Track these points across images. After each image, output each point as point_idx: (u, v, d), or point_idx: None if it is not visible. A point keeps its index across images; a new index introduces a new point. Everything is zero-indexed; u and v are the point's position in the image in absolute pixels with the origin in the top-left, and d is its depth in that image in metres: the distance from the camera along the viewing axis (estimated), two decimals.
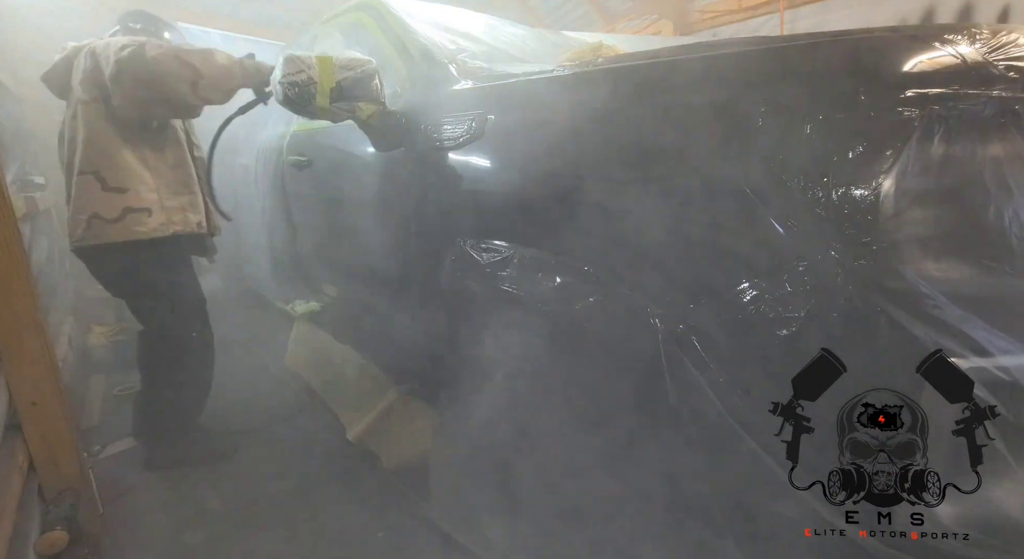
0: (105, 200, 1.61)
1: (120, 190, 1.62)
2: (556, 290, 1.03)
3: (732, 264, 0.76)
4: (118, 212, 1.61)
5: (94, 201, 1.61)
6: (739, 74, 0.85)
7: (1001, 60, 0.68)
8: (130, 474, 1.83)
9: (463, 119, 1.27)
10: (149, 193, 1.66)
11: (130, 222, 1.63)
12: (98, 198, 1.61)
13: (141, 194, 1.65)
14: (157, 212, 1.66)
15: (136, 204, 1.63)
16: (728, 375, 0.76)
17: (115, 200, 1.62)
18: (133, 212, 1.63)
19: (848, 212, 0.67)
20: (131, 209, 1.62)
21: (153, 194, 1.67)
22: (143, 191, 1.65)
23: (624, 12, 6.35)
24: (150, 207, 1.65)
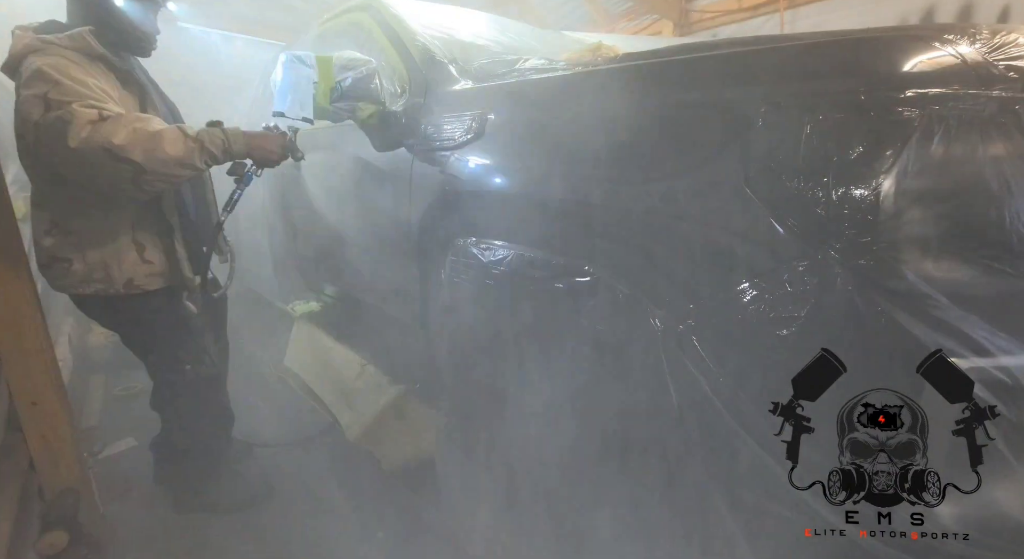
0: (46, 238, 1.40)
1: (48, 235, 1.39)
2: (556, 290, 1.03)
3: (732, 264, 0.76)
4: (45, 258, 1.41)
5: (40, 236, 1.41)
6: (739, 74, 0.85)
7: (1001, 60, 0.68)
8: (130, 474, 1.83)
9: (463, 119, 1.27)
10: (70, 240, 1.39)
11: (56, 273, 1.41)
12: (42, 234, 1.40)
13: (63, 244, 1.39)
14: (77, 264, 1.39)
15: (59, 252, 1.39)
16: (728, 375, 0.76)
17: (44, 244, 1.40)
18: (57, 262, 1.40)
19: (848, 212, 0.67)
20: (56, 258, 1.39)
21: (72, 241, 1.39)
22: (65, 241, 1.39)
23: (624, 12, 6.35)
24: (70, 257, 1.39)
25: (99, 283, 1.40)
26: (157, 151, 1.26)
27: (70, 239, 1.38)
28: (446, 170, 1.30)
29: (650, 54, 1.11)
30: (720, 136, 0.80)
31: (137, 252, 1.43)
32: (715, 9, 5.44)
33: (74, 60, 1.31)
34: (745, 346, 0.75)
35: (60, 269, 1.39)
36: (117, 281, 1.41)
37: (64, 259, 1.38)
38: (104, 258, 1.40)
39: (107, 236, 1.40)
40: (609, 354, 0.95)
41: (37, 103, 1.24)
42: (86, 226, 1.39)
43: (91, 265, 1.39)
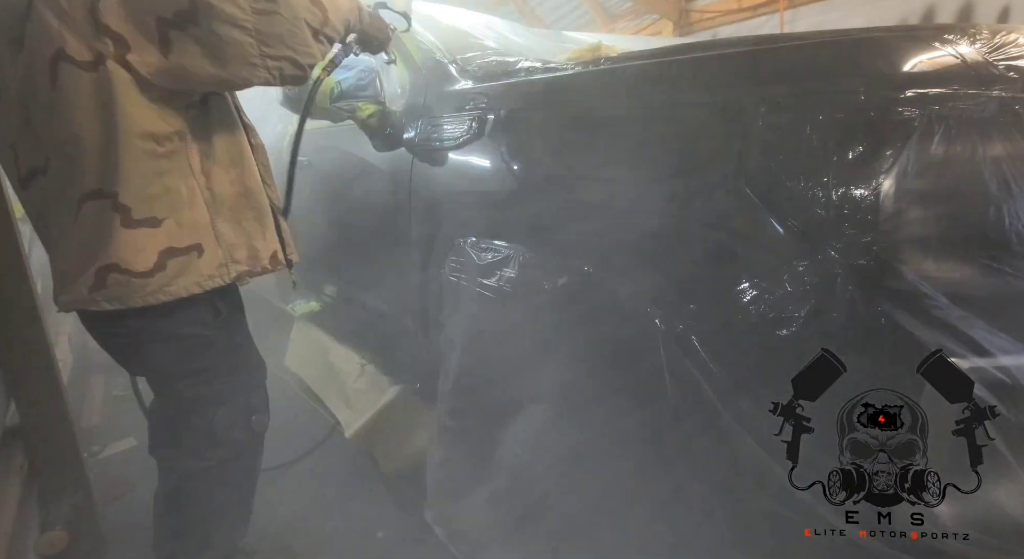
0: (130, 240, 0.95)
1: (152, 222, 0.97)
2: (556, 290, 1.03)
3: (732, 264, 0.76)
4: (154, 258, 0.97)
5: (111, 243, 0.95)
6: (739, 74, 0.85)
7: (1001, 60, 0.68)
8: (130, 474, 1.83)
9: (463, 119, 1.27)
10: (198, 219, 1.01)
11: (173, 271, 0.99)
12: (118, 238, 0.95)
13: (184, 222, 1.00)
14: (211, 248, 1.03)
15: (179, 241, 0.99)
16: (728, 375, 0.76)
17: (145, 238, 0.97)
18: (177, 255, 0.99)
19: (848, 212, 0.67)
20: (174, 250, 0.99)
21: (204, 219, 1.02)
22: (188, 217, 1.00)
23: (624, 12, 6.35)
24: (200, 242, 1.01)
25: (240, 264, 1.07)
26: None
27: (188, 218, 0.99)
28: (446, 170, 1.30)
29: (650, 54, 1.11)
30: (720, 136, 0.80)
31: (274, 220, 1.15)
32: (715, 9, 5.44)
33: None
34: (745, 346, 0.75)
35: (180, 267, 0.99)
36: (262, 256, 1.10)
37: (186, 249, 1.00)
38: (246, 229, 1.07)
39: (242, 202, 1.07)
40: (609, 354, 0.95)
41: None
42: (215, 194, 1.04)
43: (230, 245, 1.05)
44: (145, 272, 0.97)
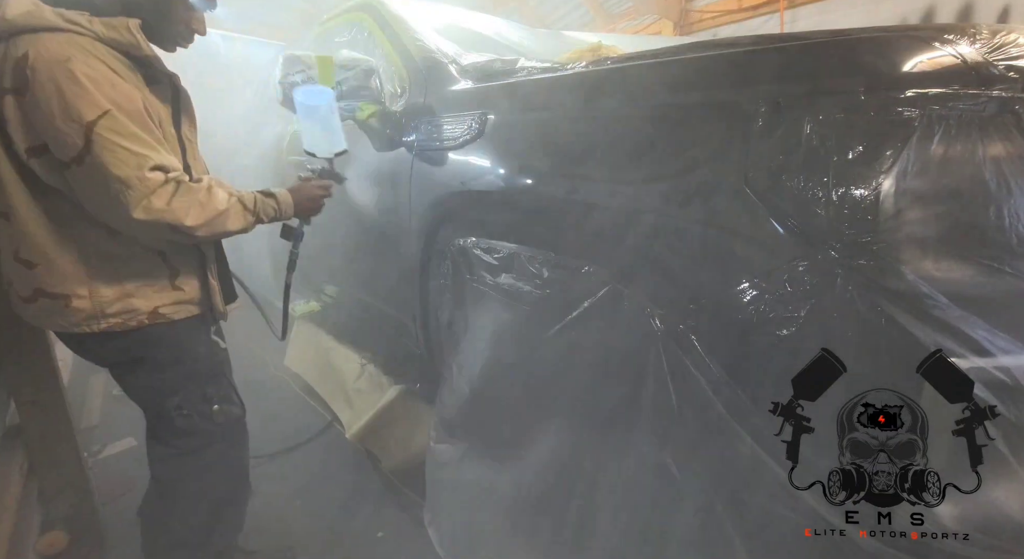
0: (15, 270, 1.07)
1: (27, 264, 1.04)
2: (556, 290, 1.03)
3: (732, 264, 0.76)
4: (26, 291, 1.07)
5: (7, 262, 1.08)
6: (739, 73, 0.85)
7: (1001, 60, 0.68)
8: (130, 474, 1.83)
9: (463, 119, 1.27)
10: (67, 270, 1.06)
11: (44, 308, 1.07)
12: (7, 258, 1.07)
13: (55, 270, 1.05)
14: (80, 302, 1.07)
15: (50, 286, 1.05)
16: (728, 375, 0.76)
17: (24, 273, 1.06)
18: (46, 296, 1.06)
19: (848, 212, 0.67)
20: (43, 292, 1.06)
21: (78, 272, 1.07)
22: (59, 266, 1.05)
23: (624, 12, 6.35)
24: (69, 294, 1.06)
25: (113, 317, 1.09)
26: (219, 227, 1.10)
27: (68, 269, 1.05)
28: (446, 170, 1.30)
29: (650, 54, 1.11)
30: (720, 136, 0.80)
31: (169, 278, 1.15)
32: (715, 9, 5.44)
33: (115, 68, 1.00)
34: (745, 346, 0.75)
35: (49, 306, 1.07)
36: (140, 311, 1.11)
37: (57, 295, 1.05)
38: (124, 289, 1.09)
39: (130, 264, 1.10)
40: (609, 354, 0.95)
41: (71, 131, 0.93)
42: (98, 253, 1.07)
43: (102, 300, 1.08)
44: (24, 298, 1.08)
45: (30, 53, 0.92)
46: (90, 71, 0.95)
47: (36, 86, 0.92)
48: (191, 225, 1.05)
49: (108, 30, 1.00)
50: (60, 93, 0.93)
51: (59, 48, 0.94)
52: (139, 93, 1.03)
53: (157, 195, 1.00)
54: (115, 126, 0.96)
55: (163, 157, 1.02)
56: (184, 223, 1.03)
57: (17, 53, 0.93)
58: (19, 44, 0.94)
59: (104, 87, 0.96)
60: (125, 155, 0.97)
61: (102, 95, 0.95)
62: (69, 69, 0.93)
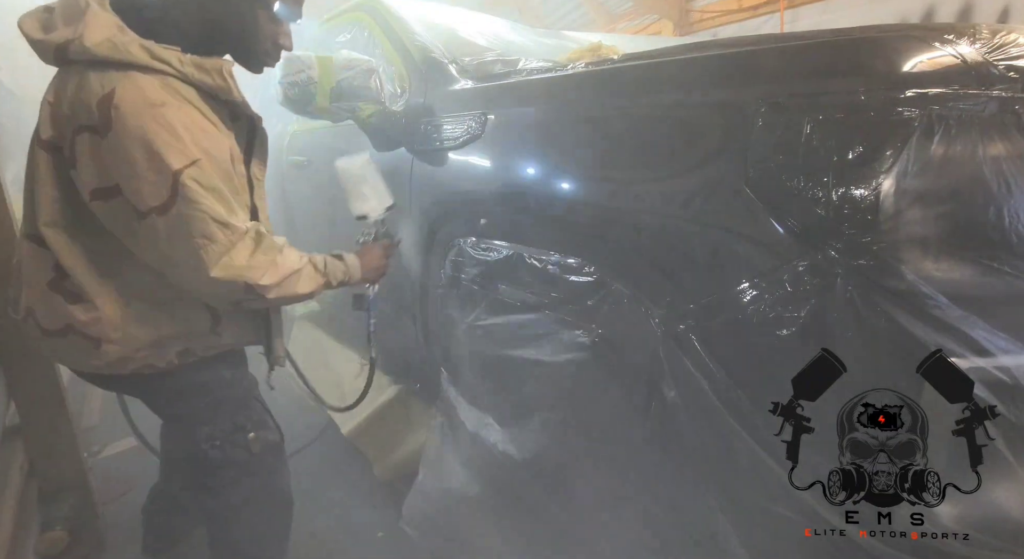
0: (49, 299, 0.97)
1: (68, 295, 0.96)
2: (556, 290, 1.03)
3: (732, 264, 0.76)
4: (57, 324, 0.97)
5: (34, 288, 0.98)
6: (739, 74, 0.85)
7: (1001, 60, 0.68)
8: (130, 474, 1.83)
9: (463, 119, 1.27)
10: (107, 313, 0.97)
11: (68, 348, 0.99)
12: (39, 287, 0.97)
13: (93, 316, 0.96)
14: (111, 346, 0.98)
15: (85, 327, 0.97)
16: (728, 375, 0.76)
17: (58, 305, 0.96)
18: (75, 335, 0.97)
19: (848, 212, 0.67)
20: (75, 331, 0.97)
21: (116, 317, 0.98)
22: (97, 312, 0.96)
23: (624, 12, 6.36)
24: (98, 337, 0.97)
25: (141, 361, 1.02)
26: (290, 290, 1.01)
27: (108, 311, 0.96)
28: (446, 170, 1.30)
29: (650, 54, 1.11)
30: (720, 136, 0.80)
31: (211, 326, 1.07)
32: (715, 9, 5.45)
33: (207, 114, 0.94)
34: (745, 346, 0.75)
35: (78, 345, 0.98)
36: (169, 352, 1.04)
37: (91, 337, 0.97)
38: (159, 335, 1.01)
39: (171, 312, 1.02)
40: (609, 354, 0.95)
41: (157, 180, 0.86)
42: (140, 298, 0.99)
43: (136, 343, 1.00)
44: (50, 332, 0.99)
45: (116, 92, 0.84)
46: (184, 119, 0.88)
47: (120, 128, 0.84)
48: (265, 284, 0.96)
49: (199, 72, 0.92)
50: (147, 140, 0.85)
51: (152, 92, 0.86)
52: (228, 141, 0.97)
53: (238, 250, 0.92)
54: (201, 178, 0.89)
55: (240, 211, 0.96)
56: (260, 282, 0.95)
57: (101, 89, 0.85)
58: (104, 80, 0.85)
59: (197, 135, 0.90)
60: (210, 207, 0.89)
61: (193, 143, 0.88)
62: (162, 115, 0.86)
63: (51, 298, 0.96)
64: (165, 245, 0.91)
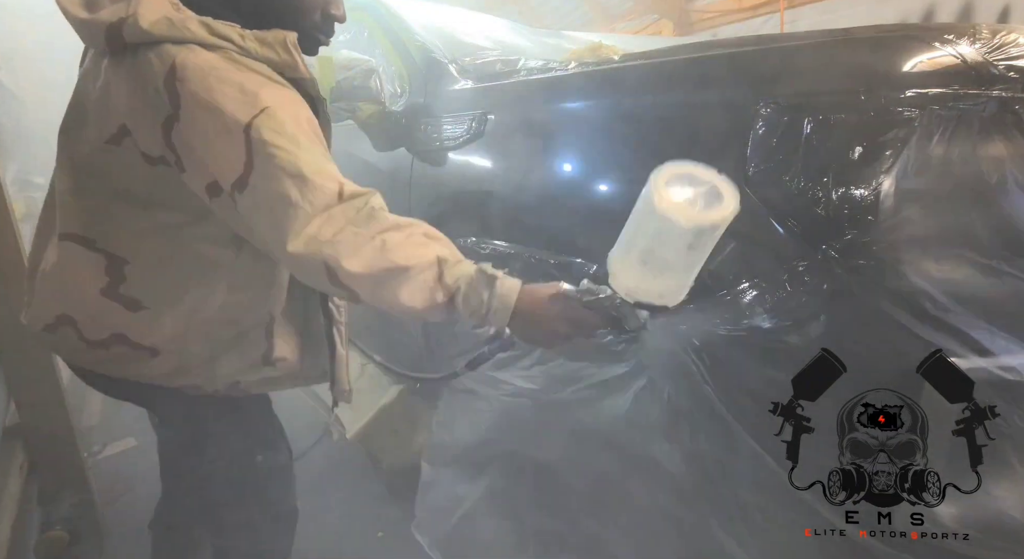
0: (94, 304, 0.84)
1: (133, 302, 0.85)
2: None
3: (732, 264, 0.76)
4: (100, 332, 0.86)
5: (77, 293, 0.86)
6: (740, 73, 0.85)
7: (1001, 60, 0.68)
8: (130, 474, 1.83)
9: (463, 119, 1.27)
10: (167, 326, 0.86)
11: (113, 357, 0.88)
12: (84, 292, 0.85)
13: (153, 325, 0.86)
14: (167, 357, 0.88)
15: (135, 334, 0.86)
16: (728, 375, 0.76)
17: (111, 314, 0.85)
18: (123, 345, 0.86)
19: (848, 212, 0.67)
20: (124, 340, 0.86)
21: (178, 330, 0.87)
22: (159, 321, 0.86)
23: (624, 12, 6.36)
24: (156, 347, 0.87)
25: (193, 378, 0.91)
26: (388, 294, 0.75)
27: (169, 321, 0.86)
28: (446, 170, 1.30)
29: (650, 54, 1.11)
30: (720, 136, 0.80)
31: (265, 353, 0.94)
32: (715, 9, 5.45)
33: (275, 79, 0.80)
34: (745, 347, 0.75)
35: (124, 356, 0.86)
36: (219, 378, 0.92)
37: (143, 347, 0.86)
38: (213, 351, 0.90)
39: (231, 329, 0.90)
40: (609, 354, 0.95)
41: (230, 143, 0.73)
42: (206, 309, 0.87)
43: (191, 357, 0.89)
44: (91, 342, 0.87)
45: (177, 62, 0.74)
46: (250, 77, 0.76)
47: (189, 101, 0.73)
48: (353, 272, 0.73)
49: (263, 47, 0.80)
50: (212, 101, 0.73)
51: (211, 58, 0.75)
52: (305, 105, 0.82)
53: (326, 218, 0.73)
54: (277, 126, 0.73)
55: (329, 165, 0.77)
56: (343, 266, 0.72)
57: (162, 66, 0.74)
58: (161, 54, 0.75)
59: (265, 91, 0.75)
60: (285, 160, 0.72)
61: (260, 94, 0.75)
62: (226, 74, 0.74)
63: (104, 306, 0.84)
64: (253, 221, 0.75)
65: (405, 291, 0.74)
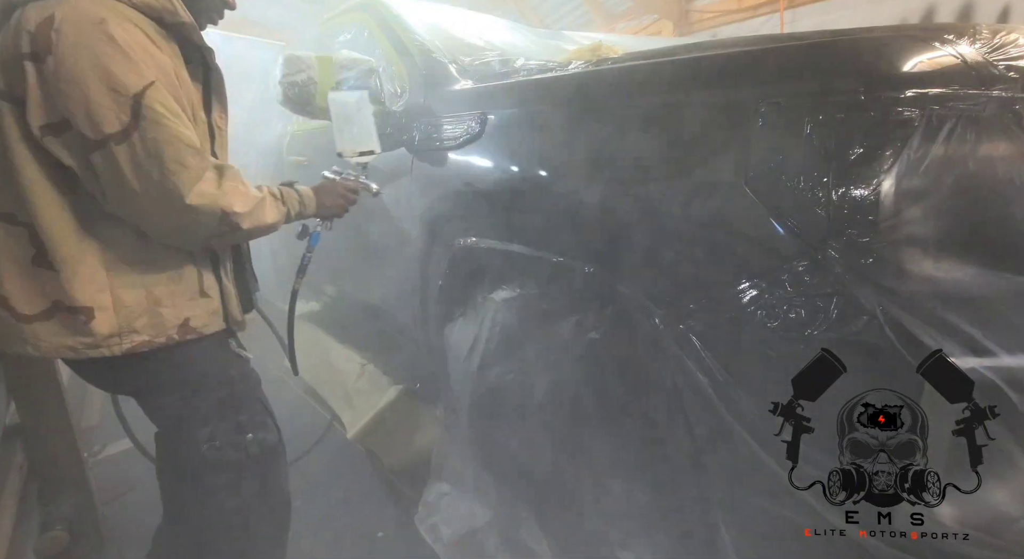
0: (32, 277, 0.89)
1: (50, 267, 0.88)
2: (557, 290, 1.03)
3: (732, 264, 0.76)
4: (39, 306, 0.89)
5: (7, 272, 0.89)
6: (740, 73, 0.85)
7: (1001, 60, 0.68)
8: (130, 474, 1.83)
9: (463, 119, 1.27)
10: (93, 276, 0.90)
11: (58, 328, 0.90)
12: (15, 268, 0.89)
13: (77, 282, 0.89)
14: (103, 313, 0.91)
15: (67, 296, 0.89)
16: (728, 375, 0.76)
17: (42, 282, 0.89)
18: (63, 312, 0.90)
19: (848, 212, 0.67)
20: (61, 306, 0.89)
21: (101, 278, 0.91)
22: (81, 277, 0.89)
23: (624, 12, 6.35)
24: (88, 305, 0.90)
25: (139, 334, 0.93)
26: (260, 219, 0.99)
27: (90, 274, 0.90)
28: (446, 170, 1.30)
29: (650, 54, 1.11)
30: (720, 136, 0.80)
31: (198, 283, 1.01)
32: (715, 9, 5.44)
33: (152, 37, 0.87)
34: (745, 346, 0.75)
35: (68, 323, 0.90)
36: (169, 324, 0.96)
37: (78, 308, 0.89)
38: (152, 296, 0.94)
39: (157, 265, 0.95)
40: (609, 354, 0.95)
41: (113, 102, 0.81)
42: (123, 254, 0.93)
43: (128, 313, 0.92)
44: (34, 315, 0.90)
45: (56, 14, 0.79)
46: (128, 37, 0.82)
47: (63, 50, 0.78)
48: (240, 212, 0.93)
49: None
50: (97, 61, 0.79)
51: (92, 8, 0.81)
52: (172, 66, 0.90)
53: (207, 179, 0.89)
54: (163, 99, 0.84)
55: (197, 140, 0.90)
56: (235, 209, 0.92)
57: (39, 16, 0.80)
58: (42, 8, 0.80)
59: (143, 55, 0.83)
60: (177, 131, 0.85)
61: (145, 63, 0.83)
62: (106, 32, 0.80)
63: (36, 275, 0.89)
64: (131, 174, 0.84)
65: (268, 214, 1.01)
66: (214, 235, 0.95)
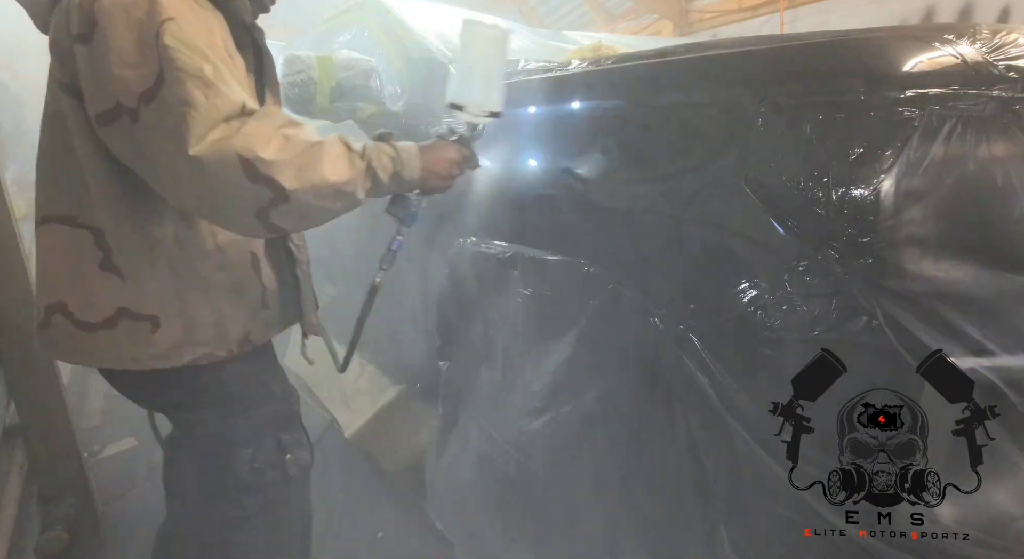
0: (90, 282, 0.82)
1: (117, 272, 0.82)
2: (557, 291, 1.03)
3: (732, 264, 0.76)
4: (99, 314, 0.82)
5: (67, 277, 0.83)
6: (740, 74, 0.85)
7: (1001, 60, 0.68)
8: (130, 474, 1.83)
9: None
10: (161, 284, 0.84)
11: (118, 339, 0.83)
12: (77, 273, 0.82)
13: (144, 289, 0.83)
14: (169, 322, 0.84)
15: (132, 303, 0.82)
16: (728, 375, 0.76)
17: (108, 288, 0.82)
18: (127, 320, 0.82)
19: (848, 212, 0.67)
20: (126, 313, 0.82)
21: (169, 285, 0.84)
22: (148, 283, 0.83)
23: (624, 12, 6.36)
24: (155, 313, 0.83)
25: (203, 346, 0.86)
26: (313, 173, 0.75)
27: (154, 284, 0.82)
28: None
29: (650, 54, 1.11)
30: (720, 136, 0.80)
31: (261, 294, 0.92)
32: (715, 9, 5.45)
33: (203, 4, 0.79)
34: (745, 346, 0.75)
35: (131, 331, 0.82)
36: (231, 337, 0.89)
37: (143, 316, 0.82)
38: (218, 310, 0.87)
39: (222, 274, 0.87)
40: (609, 354, 0.95)
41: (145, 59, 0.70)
42: (190, 253, 0.84)
43: (194, 321, 0.85)
44: (97, 324, 0.82)
45: None
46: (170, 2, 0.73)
47: (105, 24, 0.70)
48: (271, 159, 0.71)
49: None
50: (130, 23, 0.70)
51: None
52: (222, 38, 0.80)
53: (228, 124, 0.71)
54: (181, 35, 0.71)
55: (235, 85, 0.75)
56: (259, 154, 0.71)
57: None
58: None
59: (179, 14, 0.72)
60: (189, 63, 0.70)
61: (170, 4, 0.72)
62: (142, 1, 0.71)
63: (102, 280, 0.81)
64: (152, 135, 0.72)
65: (327, 165, 0.76)
66: (249, 208, 0.74)
